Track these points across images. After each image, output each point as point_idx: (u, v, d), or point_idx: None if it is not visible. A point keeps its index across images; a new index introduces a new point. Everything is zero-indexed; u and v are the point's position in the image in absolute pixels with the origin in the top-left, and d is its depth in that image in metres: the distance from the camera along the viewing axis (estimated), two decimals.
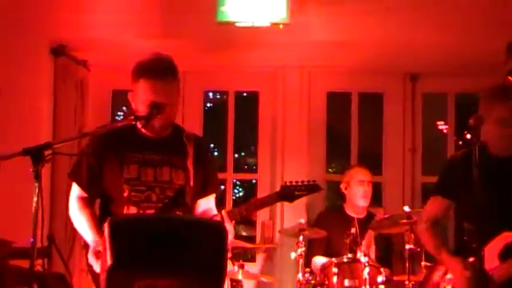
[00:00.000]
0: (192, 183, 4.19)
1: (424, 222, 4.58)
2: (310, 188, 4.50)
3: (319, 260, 6.38)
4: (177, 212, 4.07)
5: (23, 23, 6.63)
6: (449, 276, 4.30)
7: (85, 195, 4.15)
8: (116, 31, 6.69)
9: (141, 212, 4.08)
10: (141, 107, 4.08)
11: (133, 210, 4.11)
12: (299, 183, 4.51)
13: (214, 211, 4.31)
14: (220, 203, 7.80)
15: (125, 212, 4.13)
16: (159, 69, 4.12)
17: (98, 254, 3.88)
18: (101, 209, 4.25)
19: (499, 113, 4.23)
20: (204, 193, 4.31)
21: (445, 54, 7.04)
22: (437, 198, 4.55)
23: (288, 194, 4.42)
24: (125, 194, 4.13)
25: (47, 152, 3.49)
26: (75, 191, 4.18)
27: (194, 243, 3.31)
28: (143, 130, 4.17)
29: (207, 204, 4.34)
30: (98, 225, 4.07)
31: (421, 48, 7.12)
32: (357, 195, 6.73)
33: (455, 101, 7.82)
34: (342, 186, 6.91)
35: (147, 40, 6.58)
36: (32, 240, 3.27)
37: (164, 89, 4.09)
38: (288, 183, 4.38)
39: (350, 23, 6.80)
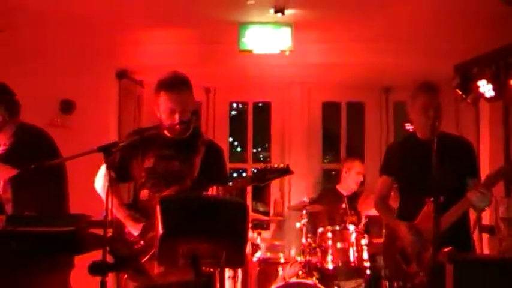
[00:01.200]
0: (195, 175, 4.02)
1: (376, 197, 4.60)
2: (281, 171, 4.31)
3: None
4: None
5: (95, 54, 6.69)
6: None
7: (113, 176, 3.92)
8: (164, 58, 6.72)
9: (151, 194, 4.00)
10: (163, 114, 4.00)
11: (145, 192, 4.04)
12: (271, 167, 4.31)
13: None
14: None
15: (141, 194, 4.07)
16: (174, 84, 3.98)
17: (135, 226, 3.91)
18: (133, 193, 4.18)
19: (421, 102, 4.25)
20: (213, 186, 4.04)
21: (409, 72, 7.02)
22: (383, 177, 4.56)
23: (259, 177, 4.24)
24: (143, 180, 4.06)
25: (114, 149, 3.52)
26: (103, 170, 4.05)
27: (224, 216, 3.31)
28: (166, 132, 4.06)
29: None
30: (124, 205, 4.04)
31: (392, 69, 7.13)
32: (353, 181, 6.71)
33: None
34: (343, 170, 6.87)
35: (187, 65, 6.60)
36: (104, 214, 3.29)
37: (179, 98, 3.95)
38: (260, 168, 4.17)
39: (339, 50, 6.84)
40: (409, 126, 4.69)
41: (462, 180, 4.23)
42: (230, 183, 3.96)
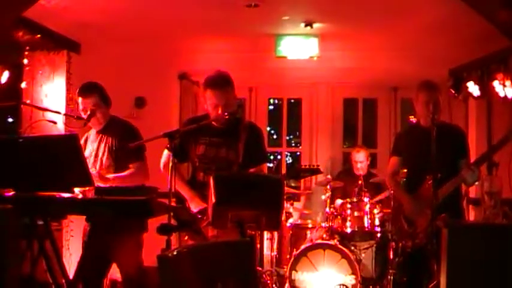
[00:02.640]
0: (240, 160, 3.84)
1: (388, 174, 4.58)
2: (312, 171, 4.25)
3: (338, 201, 6.39)
4: None
5: (162, 61, 6.76)
6: None
7: (175, 160, 3.64)
8: (216, 63, 6.66)
9: (205, 176, 3.85)
10: (209, 107, 3.88)
11: (201, 174, 3.95)
12: (305, 167, 4.23)
13: None
14: (279, 166, 7.85)
15: (196, 176, 3.99)
16: (217, 82, 3.85)
17: (198, 204, 3.85)
18: (192, 172, 4.12)
19: (423, 97, 4.23)
20: (254, 164, 3.92)
21: (413, 75, 6.90)
22: (393, 157, 4.54)
23: (294, 174, 4.20)
24: (197, 164, 3.98)
25: (176, 135, 3.56)
26: (167, 154, 3.96)
27: (264, 189, 3.33)
28: (213, 122, 3.89)
29: (259, 172, 3.96)
30: (187, 185, 3.95)
31: (399, 71, 7.08)
32: (354, 168, 6.63)
33: None
34: (350, 158, 6.86)
35: (234, 68, 6.62)
36: (169, 186, 3.33)
37: (221, 95, 3.81)
38: (295, 166, 4.06)
39: (357, 56, 6.82)
40: (412, 119, 4.69)
41: (456, 160, 4.21)
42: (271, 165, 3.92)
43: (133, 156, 4.10)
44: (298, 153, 8.67)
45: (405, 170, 4.51)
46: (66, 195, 3.21)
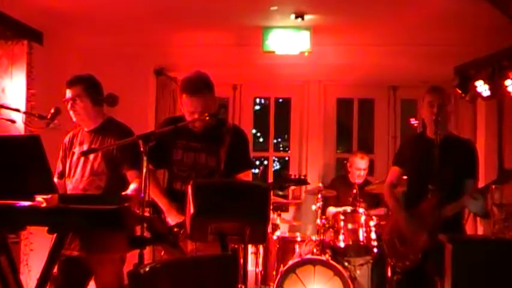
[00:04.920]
0: (222, 167, 3.82)
1: (387, 184, 4.58)
2: (297, 181, 4.23)
3: (331, 209, 6.39)
4: None
5: (136, 55, 6.74)
6: None
7: (151, 166, 3.62)
8: (196, 58, 6.76)
9: (184, 186, 3.74)
10: (185, 113, 3.85)
11: (178, 183, 3.91)
12: (291, 177, 4.19)
13: None
14: (265, 173, 7.84)
15: (174, 185, 3.93)
16: (194, 88, 3.78)
17: (175, 217, 3.80)
18: (168, 180, 4.07)
19: (427, 100, 4.27)
20: (238, 170, 3.88)
21: (415, 73, 7.04)
22: (394, 168, 4.56)
23: (278, 185, 4.17)
24: (174, 172, 3.94)
25: (151, 137, 3.50)
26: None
27: (249, 197, 3.31)
28: (190, 125, 3.85)
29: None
30: (165, 194, 3.90)
31: (399, 69, 7.13)
32: (355, 176, 6.60)
33: None
34: (348, 164, 6.81)
35: (216, 64, 6.62)
36: (142, 195, 3.29)
37: (198, 102, 3.76)
38: (281, 176, 4.04)
39: (352, 52, 6.83)
40: (413, 121, 4.71)
41: (461, 179, 4.20)
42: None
43: (130, 163, 3.95)
44: (286, 158, 8.67)
45: (405, 177, 4.51)
46: (26, 203, 3.15)
